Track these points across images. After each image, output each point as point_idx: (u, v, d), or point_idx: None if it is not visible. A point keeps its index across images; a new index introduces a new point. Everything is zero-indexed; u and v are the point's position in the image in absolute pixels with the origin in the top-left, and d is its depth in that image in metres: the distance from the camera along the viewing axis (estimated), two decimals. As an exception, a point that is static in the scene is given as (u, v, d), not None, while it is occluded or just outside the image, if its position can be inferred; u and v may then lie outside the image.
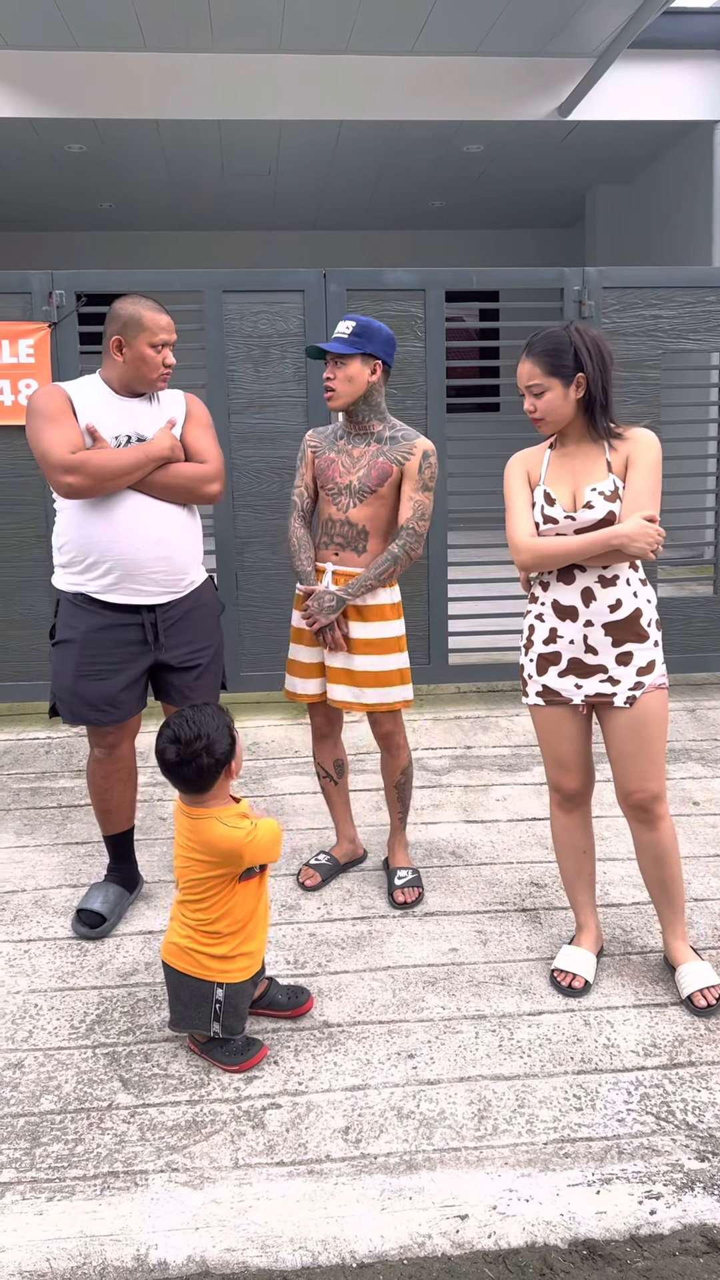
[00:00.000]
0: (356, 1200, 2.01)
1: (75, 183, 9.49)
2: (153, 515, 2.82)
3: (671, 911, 2.67)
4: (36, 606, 4.77)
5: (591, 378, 2.45)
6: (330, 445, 3.08)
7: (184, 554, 2.91)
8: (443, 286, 4.75)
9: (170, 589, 2.90)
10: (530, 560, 2.53)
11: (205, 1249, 1.91)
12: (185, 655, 2.96)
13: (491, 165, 9.22)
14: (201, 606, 3.01)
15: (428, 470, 2.99)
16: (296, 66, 7.27)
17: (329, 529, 3.06)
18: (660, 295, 4.86)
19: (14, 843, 3.56)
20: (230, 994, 2.37)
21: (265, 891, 2.44)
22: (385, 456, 2.99)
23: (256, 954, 2.41)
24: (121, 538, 2.79)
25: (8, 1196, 2.03)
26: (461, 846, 3.50)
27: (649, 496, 2.45)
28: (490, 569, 6.40)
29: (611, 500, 2.47)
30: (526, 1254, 1.89)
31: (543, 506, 2.54)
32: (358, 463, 3.01)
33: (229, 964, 2.36)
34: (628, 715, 2.54)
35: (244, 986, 2.39)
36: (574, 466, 2.54)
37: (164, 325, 2.81)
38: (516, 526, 2.57)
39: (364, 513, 3.01)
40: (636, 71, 7.53)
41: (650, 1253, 1.89)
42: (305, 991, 2.59)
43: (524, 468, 2.63)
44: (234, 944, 2.36)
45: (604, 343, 2.48)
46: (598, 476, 2.50)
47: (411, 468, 2.98)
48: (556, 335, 2.46)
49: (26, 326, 4.58)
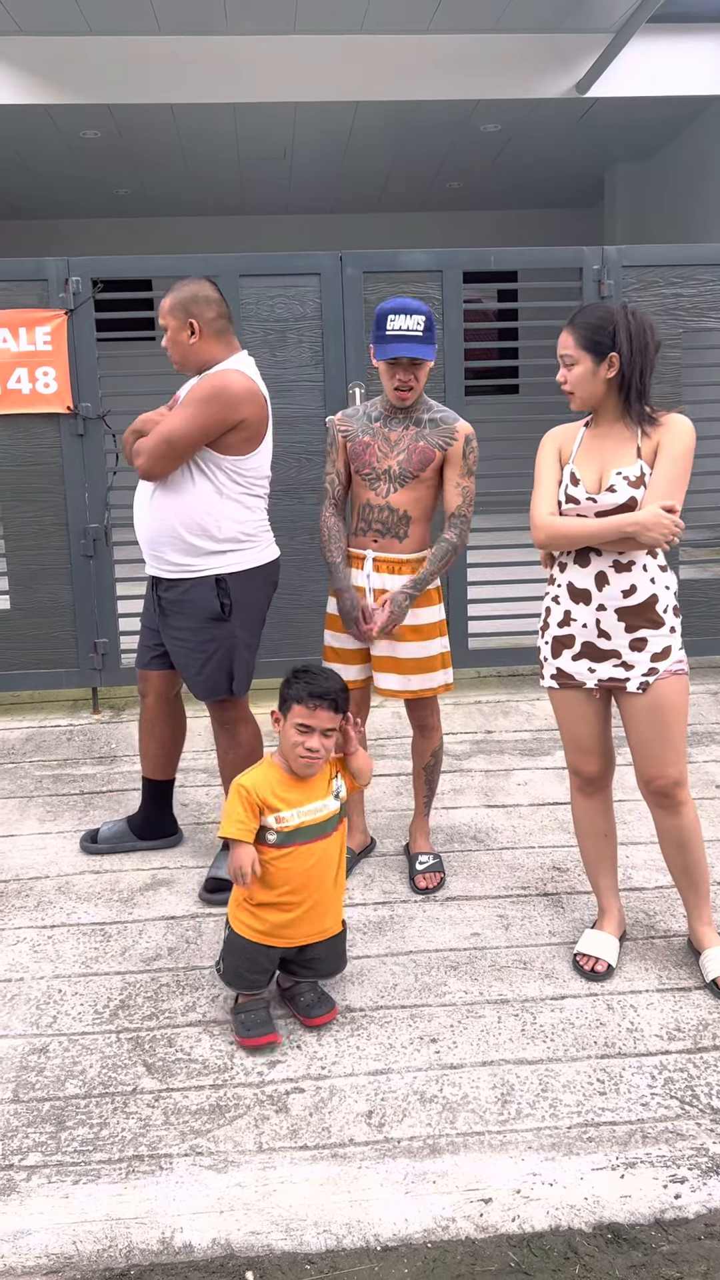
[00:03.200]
0: (380, 1184, 2.02)
1: (90, 169, 9.46)
2: (140, 489, 3.06)
3: (696, 896, 2.66)
4: (58, 595, 4.78)
5: (626, 360, 2.41)
6: (364, 428, 3.01)
7: (153, 530, 2.98)
8: (460, 268, 4.71)
9: (156, 565, 3.04)
10: (543, 538, 2.52)
11: (230, 1232, 1.92)
12: (168, 639, 3.09)
13: (509, 144, 9.13)
14: (185, 602, 2.97)
15: (471, 455, 2.96)
16: (311, 48, 7.21)
17: (366, 514, 3.01)
18: (681, 273, 4.79)
19: (37, 829, 3.58)
20: (230, 940, 2.45)
21: (307, 883, 2.42)
22: (426, 440, 2.94)
23: (270, 926, 2.41)
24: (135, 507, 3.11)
25: (34, 1180, 2.05)
26: (483, 831, 3.49)
27: (671, 486, 2.41)
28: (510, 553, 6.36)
29: (636, 486, 2.43)
30: (550, 1237, 1.89)
31: (567, 486, 2.52)
32: (396, 446, 2.96)
33: (239, 911, 2.45)
34: (644, 701, 2.52)
35: (243, 944, 2.42)
36: (604, 448, 2.51)
37: (163, 309, 2.93)
38: (538, 504, 2.55)
39: (405, 498, 2.96)
40: (655, 46, 7.42)
41: (675, 1236, 1.88)
42: (330, 1004, 2.51)
43: (557, 444, 2.60)
44: (241, 897, 2.44)
45: (652, 330, 2.42)
46: (625, 460, 2.47)
47: (455, 453, 2.94)
48: (602, 310, 2.43)
49: (43, 314, 4.57)
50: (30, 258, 4.65)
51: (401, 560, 2.99)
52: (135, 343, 9.66)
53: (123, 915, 3.01)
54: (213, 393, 2.82)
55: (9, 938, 2.91)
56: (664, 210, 9.62)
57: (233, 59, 7.19)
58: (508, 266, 4.74)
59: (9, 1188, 2.03)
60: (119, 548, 4.94)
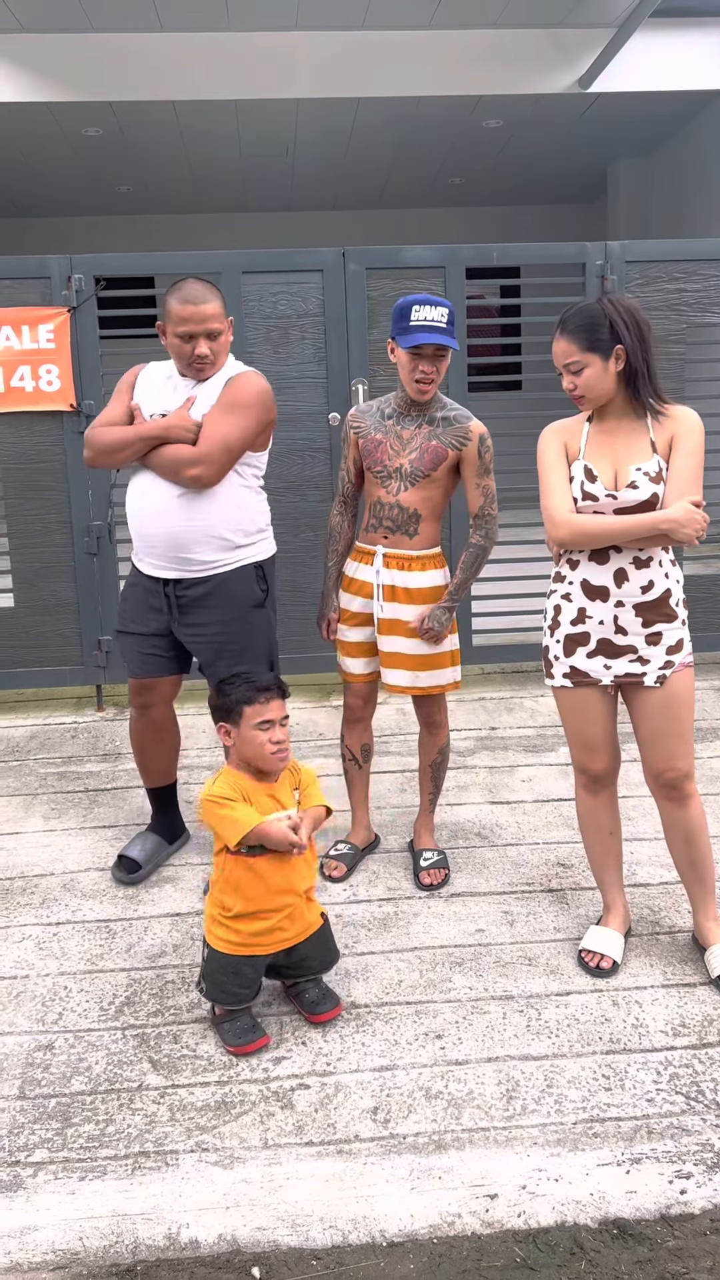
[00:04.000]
0: (386, 1180, 2.02)
1: (92, 167, 9.46)
2: (155, 492, 2.91)
3: (702, 891, 2.66)
4: (62, 592, 4.79)
5: (630, 349, 2.39)
6: (377, 425, 2.99)
7: (186, 533, 2.90)
8: (463, 263, 4.70)
9: (180, 567, 2.94)
10: (568, 536, 2.47)
11: (236, 1228, 1.92)
12: (190, 638, 3.02)
13: (511, 140, 9.11)
14: (221, 593, 2.96)
15: (487, 454, 2.94)
16: (313, 44, 7.20)
17: (378, 511, 3.01)
18: (684, 269, 4.78)
19: (42, 827, 3.59)
20: (211, 958, 2.41)
21: (283, 888, 2.39)
22: (439, 440, 2.92)
23: (246, 937, 2.38)
24: (132, 511, 2.98)
25: (40, 1176, 2.06)
26: (487, 827, 3.49)
27: (694, 481, 2.41)
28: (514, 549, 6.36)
29: (656, 482, 2.42)
30: (556, 1233, 1.89)
31: (583, 482, 2.47)
32: (408, 445, 2.94)
33: (215, 927, 2.41)
34: (658, 695, 2.52)
35: (226, 960, 2.38)
36: (615, 443, 2.48)
37: (187, 316, 2.78)
38: (554, 501, 2.50)
39: (416, 496, 2.95)
40: (658, 41, 7.40)
41: (681, 1232, 1.88)
42: (335, 1000, 2.51)
43: (560, 440, 2.55)
44: (219, 911, 2.40)
45: (639, 312, 2.41)
46: (642, 456, 2.45)
47: (471, 453, 2.92)
48: (590, 309, 2.41)
49: (46, 312, 4.58)
50: (33, 255, 4.65)
51: (411, 557, 2.99)
52: (138, 340, 9.66)
53: (128, 912, 3.02)
54: (258, 396, 2.88)
55: (15, 935, 2.92)
56: (667, 205, 9.60)
57: (234, 56, 7.18)
58: (510, 262, 4.73)
59: (16, 1184, 2.04)
60: (122, 545, 4.94)
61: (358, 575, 3.06)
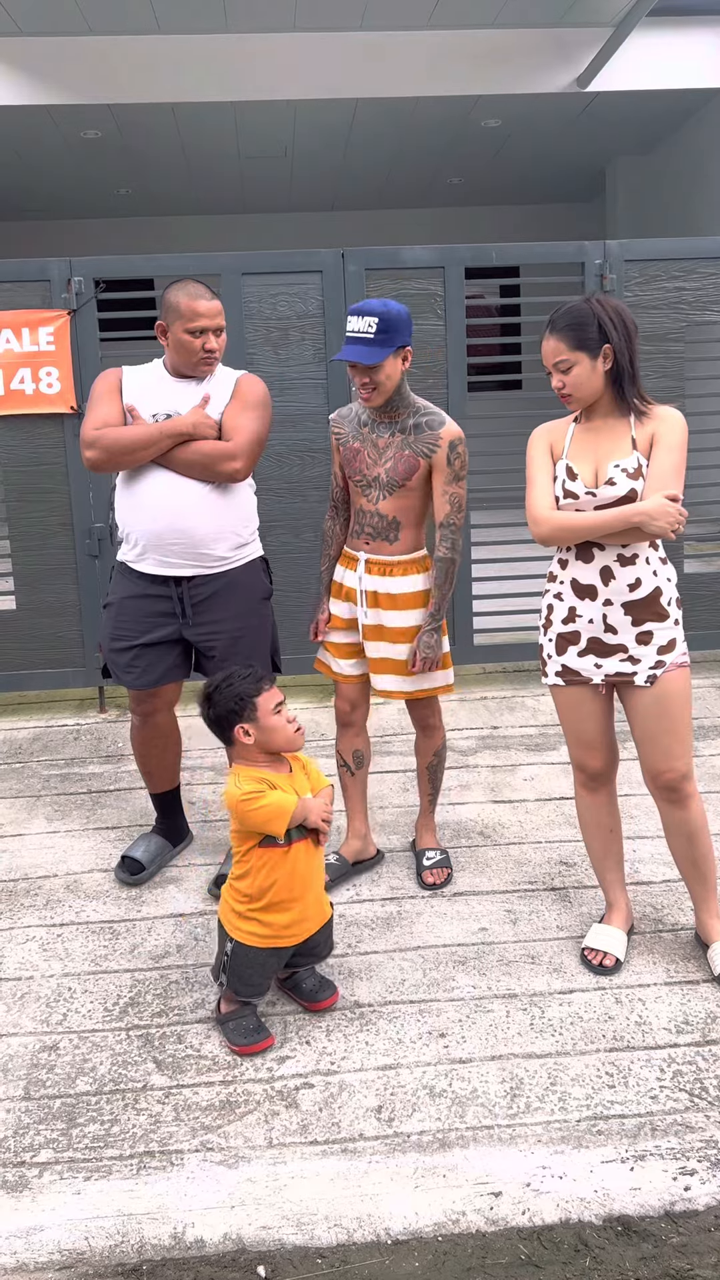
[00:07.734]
0: (390, 1178, 2.02)
1: (92, 169, 9.47)
2: (173, 490, 2.90)
3: (704, 889, 2.66)
4: (64, 595, 4.79)
5: (618, 348, 2.42)
6: (354, 432, 3.00)
7: (207, 530, 2.92)
8: (462, 263, 4.71)
9: (196, 563, 2.95)
10: (548, 533, 2.50)
11: (241, 1227, 1.92)
12: (204, 635, 3.01)
13: (510, 140, 9.12)
14: (235, 586, 3.00)
15: (457, 461, 2.89)
16: (310, 45, 7.21)
17: (361, 519, 3.03)
18: (683, 267, 4.79)
19: (45, 828, 3.59)
20: (237, 953, 2.41)
21: (309, 876, 2.43)
22: (411, 449, 2.89)
23: (277, 929, 2.41)
24: (143, 510, 2.93)
25: (46, 1176, 2.06)
26: (490, 826, 3.50)
27: (673, 475, 2.42)
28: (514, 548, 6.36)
29: (634, 478, 2.44)
30: (561, 1230, 1.89)
31: (564, 481, 2.51)
32: (384, 454, 2.93)
33: (241, 922, 2.41)
34: (650, 694, 2.52)
35: (254, 953, 2.40)
36: (598, 441, 2.51)
37: (202, 311, 2.83)
38: (536, 499, 2.54)
39: (394, 505, 2.95)
40: (656, 39, 7.40)
41: (685, 1228, 1.89)
42: (332, 987, 2.56)
43: (547, 440, 2.59)
44: (250, 907, 2.40)
45: (626, 312, 2.44)
46: (621, 452, 2.47)
47: (440, 460, 2.88)
48: (578, 309, 2.43)
49: (46, 314, 4.58)
50: (33, 258, 4.66)
51: (392, 563, 2.99)
52: (138, 342, 9.67)
53: (131, 913, 3.03)
54: (266, 396, 2.99)
55: (19, 936, 2.93)
56: (666, 204, 9.60)
57: (233, 57, 7.19)
58: (510, 262, 4.74)
59: (21, 1184, 2.04)
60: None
61: (345, 581, 3.08)
